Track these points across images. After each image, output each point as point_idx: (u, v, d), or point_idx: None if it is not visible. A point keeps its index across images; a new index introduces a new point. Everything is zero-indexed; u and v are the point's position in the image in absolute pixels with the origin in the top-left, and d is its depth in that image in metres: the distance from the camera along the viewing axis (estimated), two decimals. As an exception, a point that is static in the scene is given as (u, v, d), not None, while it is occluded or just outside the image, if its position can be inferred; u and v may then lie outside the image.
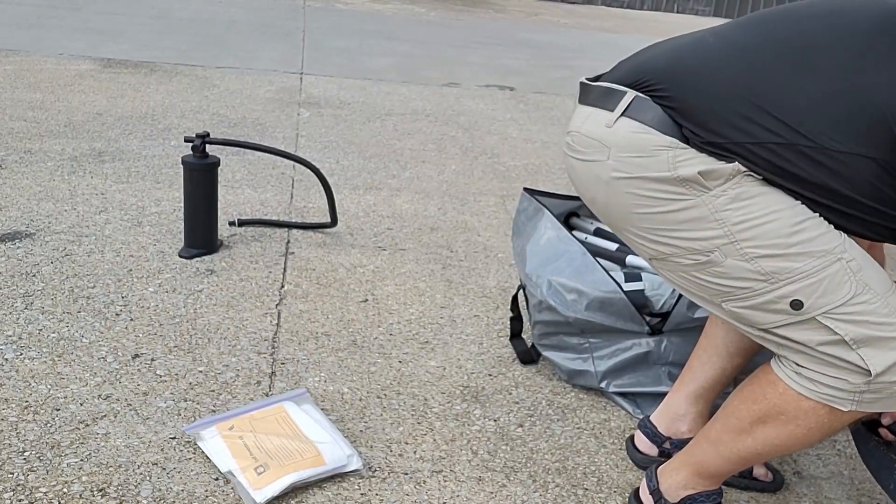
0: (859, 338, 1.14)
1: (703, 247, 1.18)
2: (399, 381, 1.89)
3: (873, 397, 1.18)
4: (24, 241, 2.39)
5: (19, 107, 3.74)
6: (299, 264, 2.44)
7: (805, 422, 1.23)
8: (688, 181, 1.17)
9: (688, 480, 1.44)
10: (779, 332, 1.19)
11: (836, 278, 1.14)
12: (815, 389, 1.20)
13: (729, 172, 1.16)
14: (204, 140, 2.37)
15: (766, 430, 1.27)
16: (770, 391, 1.25)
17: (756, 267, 1.16)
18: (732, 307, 1.21)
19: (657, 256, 1.26)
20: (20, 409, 1.64)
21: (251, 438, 1.57)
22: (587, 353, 1.86)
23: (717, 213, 1.17)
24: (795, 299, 1.15)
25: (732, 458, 1.35)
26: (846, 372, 1.16)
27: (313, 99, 4.47)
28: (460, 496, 1.53)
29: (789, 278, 1.15)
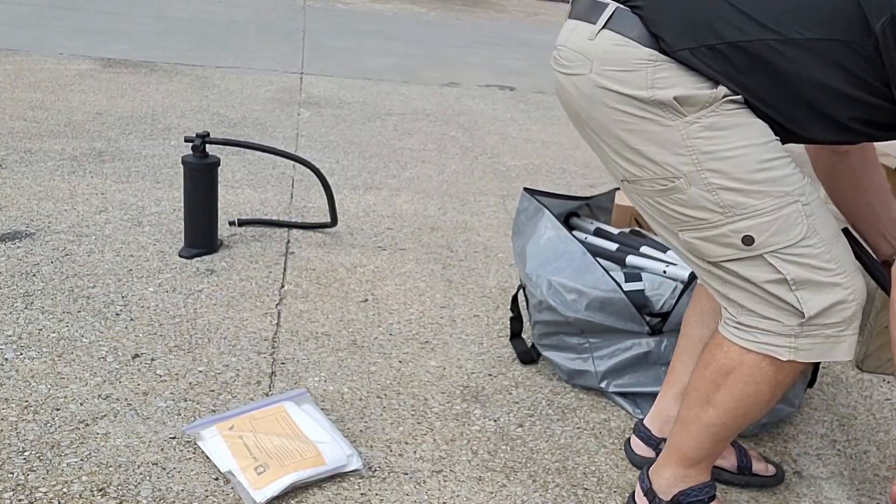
0: (799, 279, 1.19)
1: (670, 172, 1.21)
2: (399, 381, 1.89)
3: (808, 343, 1.23)
4: (24, 241, 2.39)
5: (19, 106, 3.74)
6: (299, 264, 2.44)
7: (752, 377, 1.27)
8: (664, 104, 1.18)
9: (676, 474, 1.45)
10: (727, 265, 1.23)
11: (789, 219, 1.18)
12: (754, 339, 1.25)
13: (705, 100, 1.17)
14: (204, 140, 2.37)
15: (722, 394, 1.31)
16: (718, 353, 1.31)
17: (716, 198, 1.19)
18: (688, 237, 1.25)
19: (628, 178, 1.28)
20: (20, 408, 1.64)
21: (251, 438, 1.57)
22: (587, 353, 1.86)
23: (689, 140, 1.19)
24: (747, 235, 1.19)
25: (702, 433, 1.38)
26: (782, 313, 1.22)
27: (313, 99, 4.47)
28: (460, 496, 1.53)
29: (745, 214, 1.18)
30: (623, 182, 1.31)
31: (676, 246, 1.30)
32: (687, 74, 1.18)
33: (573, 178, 3.58)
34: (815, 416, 1.94)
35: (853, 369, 2.17)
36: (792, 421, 1.90)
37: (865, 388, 2.09)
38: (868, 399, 2.04)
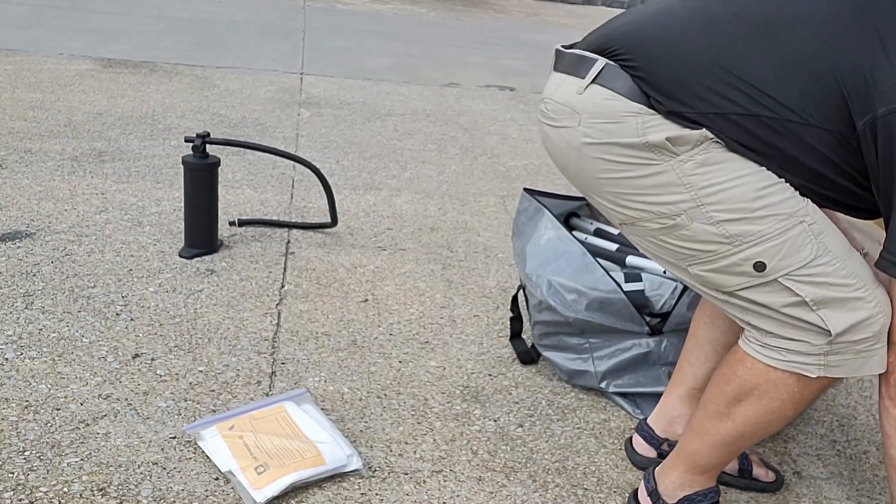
0: (819, 299, 1.18)
1: (670, 210, 1.21)
2: (399, 381, 1.89)
3: (838, 359, 1.21)
4: (25, 241, 2.39)
5: (19, 106, 3.74)
6: (299, 264, 2.44)
7: (777, 394, 1.26)
8: (656, 147, 1.19)
9: (683, 478, 1.44)
10: (743, 294, 1.22)
11: (797, 241, 1.17)
12: (781, 358, 1.24)
13: (696, 139, 1.18)
14: (204, 140, 2.37)
15: (742, 409, 1.30)
16: (740, 369, 1.29)
17: (721, 230, 1.19)
18: (698, 270, 1.24)
19: (626, 221, 1.28)
20: (20, 408, 1.64)
21: (251, 438, 1.57)
22: (587, 354, 1.86)
23: (684, 178, 1.19)
24: (759, 261, 1.18)
25: (718, 444, 1.37)
26: (808, 333, 1.20)
27: (313, 99, 4.47)
28: (460, 496, 1.53)
29: (752, 241, 1.18)
30: (622, 225, 1.31)
31: (688, 281, 1.29)
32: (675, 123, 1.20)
33: (573, 178, 3.57)
34: (815, 416, 1.94)
35: (853, 369, 2.17)
36: (792, 421, 1.90)
37: (865, 389, 2.09)
38: (868, 399, 2.04)
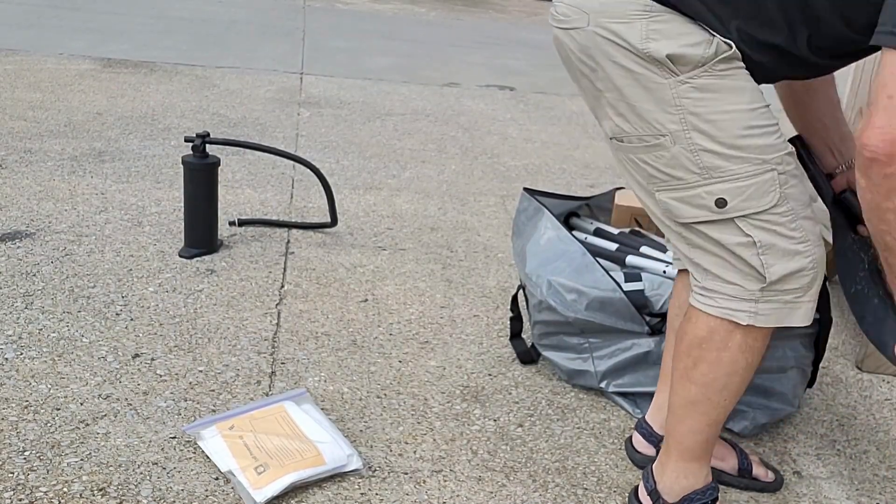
0: (766, 244, 1.24)
1: (657, 129, 1.24)
2: (399, 381, 1.89)
3: (767, 308, 1.28)
4: (25, 241, 2.39)
5: (19, 106, 3.74)
6: (299, 264, 2.44)
7: (723, 343, 1.31)
8: (657, 61, 1.20)
9: (678, 470, 1.45)
10: (698, 227, 1.27)
11: (763, 187, 1.22)
12: (715, 304, 1.30)
13: (697, 60, 1.19)
14: (204, 140, 2.37)
15: (700, 368, 1.35)
16: (688, 326, 1.35)
17: (697, 159, 1.22)
18: (664, 196, 1.29)
19: (618, 135, 1.30)
20: (20, 408, 1.64)
21: (251, 438, 1.57)
22: (587, 353, 1.86)
23: (678, 99, 1.21)
24: (721, 198, 1.23)
25: (692, 415, 1.39)
26: (745, 278, 1.26)
27: (313, 99, 4.47)
28: (460, 496, 1.53)
29: (722, 177, 1.22)
30: (612, 140, 1.34)
31: (652, 208, 1.34)
32: (681, 28, 1.20)
33: (573, 178, 3.58)
34: (815, 416, 1.94)
35: (853, 369, 2.17)
36: (792, 421, 1.90)
37: (865, 388, 2.09)
38: (868, 399, 2.04)
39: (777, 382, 1.81)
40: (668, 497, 1.46)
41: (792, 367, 1.83)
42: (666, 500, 1.46)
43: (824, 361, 2.18)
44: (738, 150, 1.21)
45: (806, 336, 1.86)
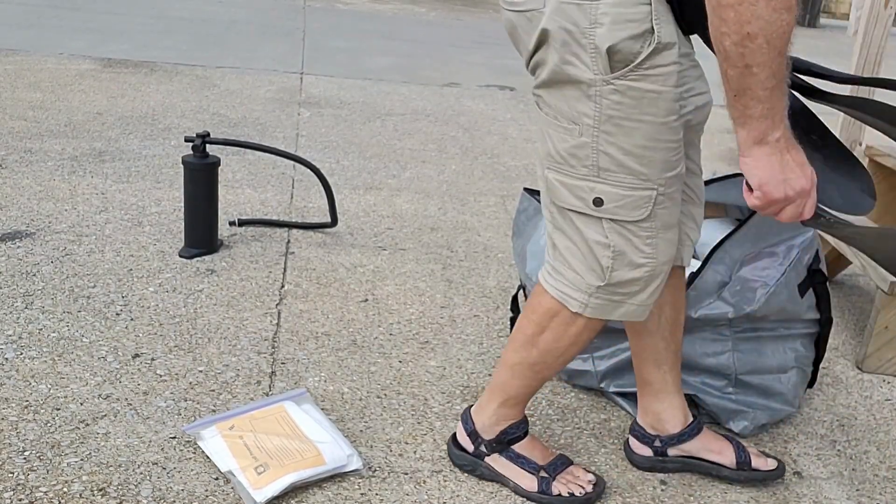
0: (619, 251, 1.31)
1: (574, 116, 1.26)
2: (399, 381, 1.89)
3: (596, 303, 1.36)
4: (25, 241, 2.39)
5: (19, 106, 3.74)
6: (299, 264, 2.44)
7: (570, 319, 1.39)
8: (596, 50, 1.20)
9: (497, 414, 1.55)
10: (569, 214, 1.33)
11: (639, 201, 1.28)
12: (555, 286, 1.39)
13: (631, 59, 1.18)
14: (204, 140, 2.37)
15: (546, 336, 1.43)
16: (543, 298, 1.42)
17: (594, 156, 1.26)
18: (552, 176, 1.33)
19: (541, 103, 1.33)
20: (20, 408, 1.64)
21: (251, 438, 1.57)
22: (587, 354, 1.86)
23: (599, 98, 1.23)
24: (600, 197, 1.28)
25: (527, 373, 1.49)
26: (589, 272, 1.34)
27: (313, 99, 4.47)
28: (460, 496, 1.53)
29: (607, 180, 1.27)
30: (536, 102, 1.35)
31: (539, 176, 1.39)
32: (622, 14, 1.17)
33: (573, 178, 3.58)
34: (815, 416, 1.94)
35: (853, 369, 2.17)
36: (792, 421, 1.90)
37: (865, 389, 2.09)
38: (868, 399, 2.04)
39: (777, 382, 1.81)
40: (486, 435, 1.56)
41: (792, 368, 1.83)
42: (484, 437, 1.56)
43: (824, 362, 2.18)
44: (634, 158, 1.25)
45: (806, 336, 1.86)
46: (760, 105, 1.12)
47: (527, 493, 1.54)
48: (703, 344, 1.78)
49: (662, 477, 1.65)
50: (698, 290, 1.74)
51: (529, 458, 1.56)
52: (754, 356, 1.78)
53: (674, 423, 1.63)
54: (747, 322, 1.75)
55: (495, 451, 1.56)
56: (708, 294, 1.74)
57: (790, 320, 1.80)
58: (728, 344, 1.77)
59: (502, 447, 1.56)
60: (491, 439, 1.56)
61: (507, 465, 1.56)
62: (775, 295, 1.73)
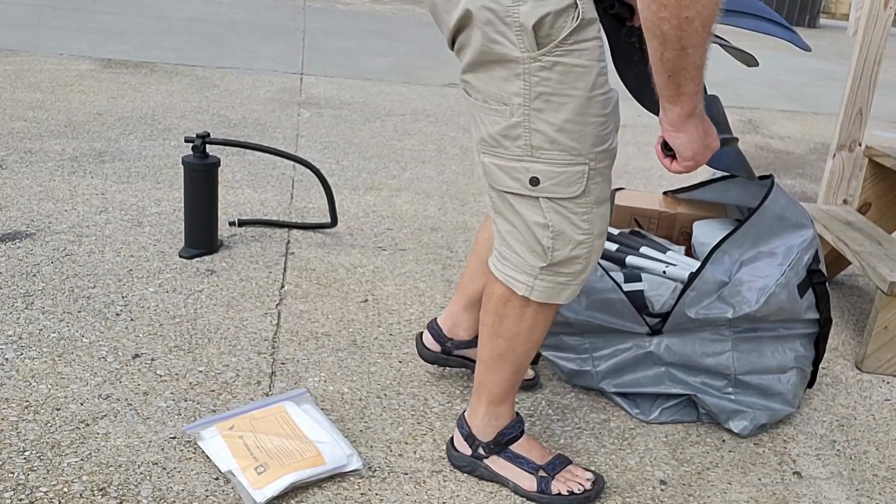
0: (557, 229, 1.34)
1: (503, 97, 1.28)
2: (399, 381, 1.89)
3: (542, 286, 1.39)
4: (25, 241, 2.39)
5: (20, 107, 3.74)
6: (299, 264, 2.44)
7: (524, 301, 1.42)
8: (521, 28, 1.21)
9: (489, 413, 1.57)
10: (508, 196, 1.35)
11: (573, 177, 1.31)
12: (503, 271, 1.42)
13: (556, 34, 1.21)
14: (204, 140, 2.37)
15: (506, 323, 1.46)
16: (495, 286, 1.45)
17: (527, 136, 1.29)
18: (487, 160, 1.35)
19: (469, 88, 1.34)
20: (21, 408, 1.64)
21: (251, 438, 1.57)
22: (587, 354, 1.86)
23: (527, 76, 1.25)
24: (535, 177, 1.31)
25: (501, 366, 1.51)
26: (532, 254, 1.38)
27: (313, 99, 4.48)
28: (460, 496, 1.53)
29: (541, 158, 1.30)
30: (464, 89, 1.36)
31: (478, 164, 1.40)
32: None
33: (573, 178, 3.58)
34: (815, 416, 1.94)
35: (853, 370, 2.17)
36: (791, 421, 1.90)
37: (865, 389, 2.09)
38: (867, 399, 2.04)
39: (777, 383, 1.81)
40: (483, 438, 1.58)
41: (792, 368, 1.83)
42: (482, 440, 1.58)
43: (824, 362, 2.18)
44: (565, 134, 1.27)
45: (806, 336, 1.86)
46: (692, 83, 1.18)
47: (526, 493, 1.55)
48: (703, 344, 1.78)
49: (662, 477, 1.65)
50: (698, 291, 1.74)
51: (528, 458, 1.57)
52: (754, 356, 1.79)
53: (468, 331, 1.82)
54: (747, 322, 1.75)
55: (493, 453, 1.58)
56: (707, 294, 1.75)
57: (790, 320, 1.80)
58: (728, 344, 1.78)
59: (500, 448, 1.57)
60: (488, 441, 1.57)
61: (505, 466, 1.57)
62: (775, 295, 1.73)
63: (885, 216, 2.72)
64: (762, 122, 5.43)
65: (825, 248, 2.59)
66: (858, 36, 2.58)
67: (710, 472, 1.68)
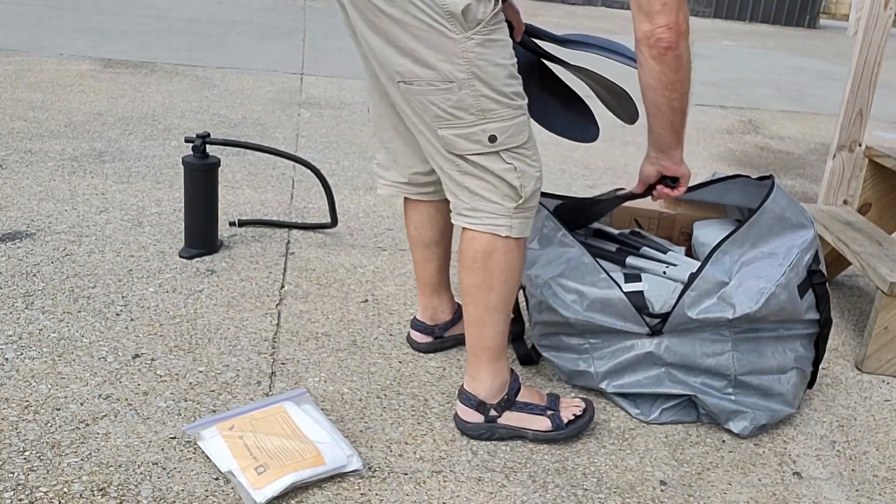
0: (521, 169, 1.54)
1: (447, 76, 1.45)
2: (399, 381, 1.89)
3: (518, 223, 1.57)
4: (25, 241, 2.39)
5: (20, 107, 3.74)
6: (299, 264, 2.44)
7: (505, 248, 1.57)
8: (453, 15, 1.40)
9: (490, 371, 1.66)
10: (472, 158, 1.53)
11: (520, 126, 1.53)
12: (481, 222, 1.57)
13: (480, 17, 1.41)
14: (204, 140, 2.37)
15: (496, 274, 1.59)
16: (475, 244, 1.58)
17: (477, 103, 1.47)
18: (446, 133, 1.51)
19: (407, 79, 1.49)
20: (21, 408, 1.64)
21: (251, 438, 1.57)
22: (587, 354, 1.86)
23: (465, 53, 1.44)
24: (493, 135, 1.50)
25: (495, 318, 1.63)
26: (505, 198, 1.55)
27: (314, 99, 4.48)
28: (460, 496, 1.53)
29: (493, 118, 1.49)
30: (399, 84, 1.51)
31: (431, 140, 1.55)
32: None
33: (573, 178, 3.58)
34: (815, 416, 1.94)
35: (853, 370, 2.17)
36: (791, 422, 1.90)
37: (865, 389, 2.09)
38: (867, 400, 2.04)
39: (777, 383, 1.81)
40: (492, 400, 1.68)
41: (792, 368, 1.83)
42: (491, 403, 1.67)
43: (824, 362, 2.18)
44: (505, 95, 1.48)
45: (806, 337, 1.86)
46: (684, 128, 1.62)
47: (546, 435, 1.69)
48: (703, 344, 1.78)
49: (662, 477, 1.65)
50: (698, 291, 1.74)
51: (534, 403, 1.71)
52: (754, 357, 1.79)
53: (447, 312, 1.99)
54: (747, 322, 1.75)
55: (505, 409, 1.68)
56: (708, 295, 1.75)
57: (790, 321, 1.81)
58: (728, 344, 1.78)
59: (511, 403, 1.69)
60: (498, 401, 1.68)
61: (521, 418, 1.69)
62: (775, 295, 1.73)
63: (886, 217, 2.72)
64: (762, 123, 5.43)
65: (825, 248, 2.59)
66: (859, 36, 2.58)
67: (710, 472, 1.68)
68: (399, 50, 1.47)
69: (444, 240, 1.94)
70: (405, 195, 1.88)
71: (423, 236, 1.91)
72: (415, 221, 1.91)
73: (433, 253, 1.93)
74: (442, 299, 1.99)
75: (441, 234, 1.92)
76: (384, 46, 1.48)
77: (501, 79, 1.48)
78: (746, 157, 4.40)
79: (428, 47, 1.44)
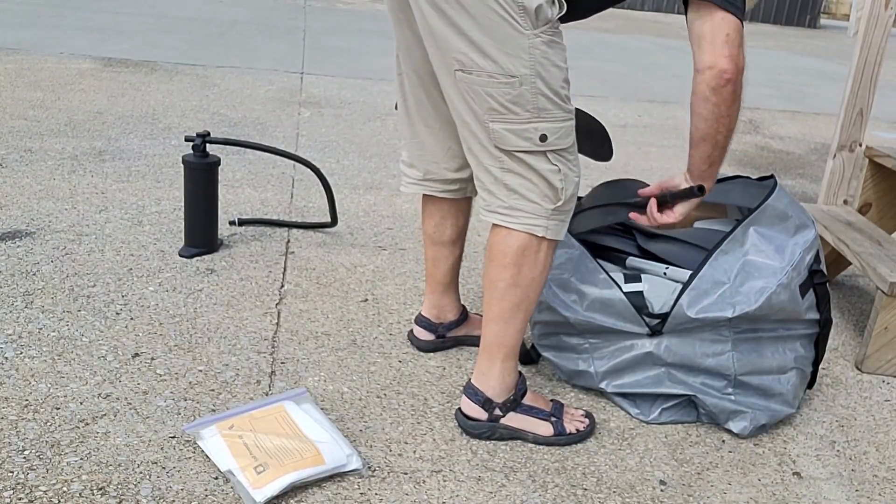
0: (564, 172, 1.56)
1: (511, 70, 1.46)
2: (399, 381, 1.89)
3: (554, 224, 1.59)
4: (25, 240, 2.39)
5: (20, 106, 3.74)
6: (299, 264, 2.44)
7: (536, 248, 1.59)
8: (526, 10, 1.42)
9: (501, 370, 1.67)
10: (519, 155, 1.53)
11: (568, 130, 1.55)
12: (518, 221, 1.57)
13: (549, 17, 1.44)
14: (204, 139, 2.37)
15: (524, 272, 1.60)
16: (500, 241, 1.60)
17: (535, 101, 1.49)
18: (498, 126, 1.51)
19: (468, 67, 1.48)
20: (20, 407, 1.64)
21: (251, 438, 1.57)
22: (587, 354, 1.86)
23: (532, 49, 1.45)
24: (544, 134, 1.51)
25: (517, 315, 1.64)
26: (545, 198, 1.56)
27: (314, 98, 4.47)
28: (460, 496, 1.53)
29: (547, 118, 1.51)
30: (457, 72, 1.50)
31: (477, 133, 1.54)
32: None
33: (573, 178, 3.57)
34: (815, 416, 1.94)
35: (853, 370, 2.17)
36: (791, 422, 1.90)
37: (865, 390, 2.09)
38: (867, 400, 2.04)
39: (777, 383, 1.81)
40: (499, 399, 1.68)
41: (792, 368, 1.83)
42: (498, 401, 1.68)
43: (824, 362, 2.18)
44: (560, 98, 1.51)
45: (805, 337, 1.86)
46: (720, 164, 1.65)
47: (547, 439, 1.69)
48: (703, 344, 1.78)
49: (662, 477, 1.65)
50: (698, 290, 1.74)
51: (539, 408, 1.72)
52: (754, 357, 1.79)
53: (453, 312, 2.01)
54: (747, 322, 1.75)
55: (510, 410, 1.69)
56: (707, 294, 1.75)
57: (790, 321, 1.80)
58: (728, 344, 1.78)
59: (516, 404, 1.69)
60: (504, 400, 1.68)
61: (523, 420, 1.70)
62: (775, 295, 1.73)
63: (886, 217, 2.72)
64: (762, 123, 5.43)
65: (825, 248, 2.59)
66: (859, 36, 2.58)
67: (709, 472, 1.68)
68: (464, 38, 1.47)
69: (460, 240, 1.95)
70: (428, 192, 1.87)
71: (441, 235, 1.91)
72: (434, 219, 1.91)
73: (449, 252, 1.94)
74: (450, 299, 2.00)
75: (459, 234, 1.93)
76: (449, 33, 1.47)
77: (559, 80, 1.50)
78: (746, 157, 4.40)
79: (495, 39, 1.44)
